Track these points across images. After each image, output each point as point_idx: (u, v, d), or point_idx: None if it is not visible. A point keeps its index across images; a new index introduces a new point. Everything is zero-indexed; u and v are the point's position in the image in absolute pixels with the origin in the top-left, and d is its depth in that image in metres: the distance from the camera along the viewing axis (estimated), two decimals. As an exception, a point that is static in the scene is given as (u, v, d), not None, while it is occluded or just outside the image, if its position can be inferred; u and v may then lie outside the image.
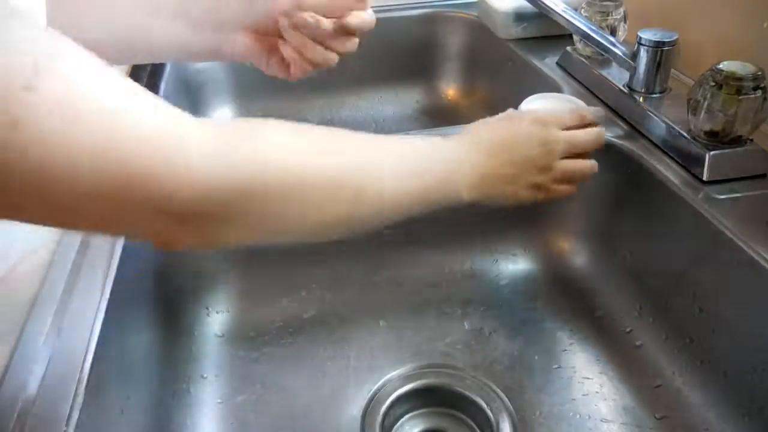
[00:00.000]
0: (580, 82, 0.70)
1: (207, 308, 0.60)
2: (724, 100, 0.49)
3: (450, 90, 0.97)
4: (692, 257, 0.51)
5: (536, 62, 0.76)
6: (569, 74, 0.72)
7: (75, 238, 0.48)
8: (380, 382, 0.55)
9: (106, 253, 0.46)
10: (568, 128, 0.49)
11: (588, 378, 0.54)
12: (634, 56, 0.59)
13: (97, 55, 0.27)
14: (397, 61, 0.95)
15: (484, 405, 0.52)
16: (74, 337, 0.27)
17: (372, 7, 0.48)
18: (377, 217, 0.39)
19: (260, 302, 0.62)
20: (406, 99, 0.97)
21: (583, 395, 0.53)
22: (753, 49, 0.57)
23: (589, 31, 0.63)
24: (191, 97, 0.87)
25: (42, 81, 0.24)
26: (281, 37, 0.48)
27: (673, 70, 0.62)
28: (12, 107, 0.23)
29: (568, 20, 0.64)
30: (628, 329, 0.57)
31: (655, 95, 0.60)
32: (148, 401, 0.48)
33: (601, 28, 0.65)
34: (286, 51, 0.49)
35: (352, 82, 0.94)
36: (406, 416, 0.54)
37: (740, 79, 0.48)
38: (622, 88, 0.62)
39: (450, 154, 0.44)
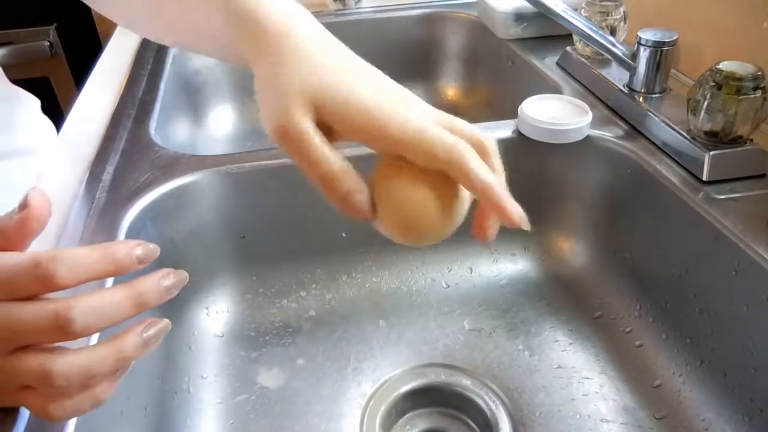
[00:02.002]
0: (580, 82, 0.70)
1: (207, 308, 0.60)
2: (723, 100, 0.49)
3: (450, 90, 0.97)
4: (692, 257, 0.51)
5: (536, 62, 0.76)
6: (569, 74, 0.72)
7: (75, 238, 0.48)
8: (380, 382, 0.55)
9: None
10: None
11: (588, 378, 0.54)
12: (634, 56, 0.59)
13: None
14: (397, 61, 0.95)
15: (484, 405, 0.52)
16: (74, 337, 0.28)
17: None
18: None
19: (260, 302, 0.62)
20: (406, 99, 0.97)
21: (583, 395, 0.53)
22: (753, 49, 0.57)
23: (589, 31, 0.63)
24: (191, 97, 0.87)
25: None
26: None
27: (673, 70, 0.63)
28: None
29: (568, 20, 0.64)
30: (628, 329, 0.57)
31: (654, 95, 0.60)
32: (148, 401, 0.48)
33: (601, 28, 0.65)
34: None
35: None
36: (406, 416, 0.54)
37: (740, 79, 0.48)
38: (622, 88, 0.62)
39: None
